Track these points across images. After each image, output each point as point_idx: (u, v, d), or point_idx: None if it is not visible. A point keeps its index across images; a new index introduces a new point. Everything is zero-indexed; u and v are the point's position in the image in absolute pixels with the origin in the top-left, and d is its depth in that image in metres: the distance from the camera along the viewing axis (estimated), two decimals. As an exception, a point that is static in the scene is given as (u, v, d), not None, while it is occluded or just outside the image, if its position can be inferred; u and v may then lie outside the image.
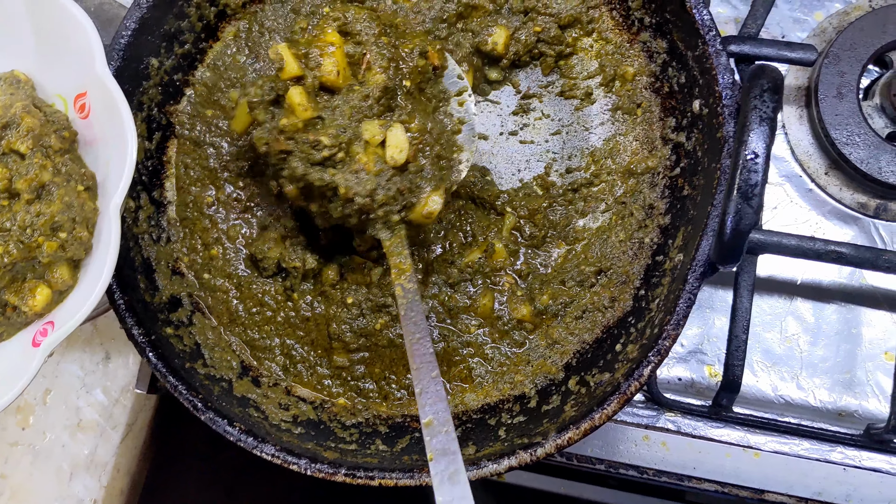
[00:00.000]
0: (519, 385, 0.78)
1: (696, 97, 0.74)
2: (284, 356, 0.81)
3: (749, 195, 0.62)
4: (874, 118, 0.87)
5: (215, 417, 0.70)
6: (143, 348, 0.70)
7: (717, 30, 0.71)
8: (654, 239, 0.78)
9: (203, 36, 0.82)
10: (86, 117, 0.68)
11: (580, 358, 0.78)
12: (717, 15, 0.92)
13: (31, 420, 0.96)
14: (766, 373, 0.86)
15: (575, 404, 0.71)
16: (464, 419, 0.78)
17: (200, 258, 0.82)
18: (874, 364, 0.86)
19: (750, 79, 0.65)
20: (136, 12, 0.75)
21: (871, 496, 0.83)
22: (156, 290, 0.77)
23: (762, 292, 0.88)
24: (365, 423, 0.78)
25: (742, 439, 0.84)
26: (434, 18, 0.82)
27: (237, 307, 0.82)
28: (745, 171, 0.62)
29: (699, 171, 0.73)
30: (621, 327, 0.76)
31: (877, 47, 0.86)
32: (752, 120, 0.62)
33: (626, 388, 0.66)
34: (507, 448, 0.67)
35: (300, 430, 0.74)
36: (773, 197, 0.89)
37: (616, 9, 0.82)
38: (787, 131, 0.89)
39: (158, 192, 0.81)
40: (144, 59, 0.77)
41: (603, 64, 0.83)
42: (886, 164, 0.84)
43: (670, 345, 0.66)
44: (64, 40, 0.67)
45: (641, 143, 0.82)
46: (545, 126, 0.85)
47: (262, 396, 0.77)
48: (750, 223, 0.62)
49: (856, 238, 0.88)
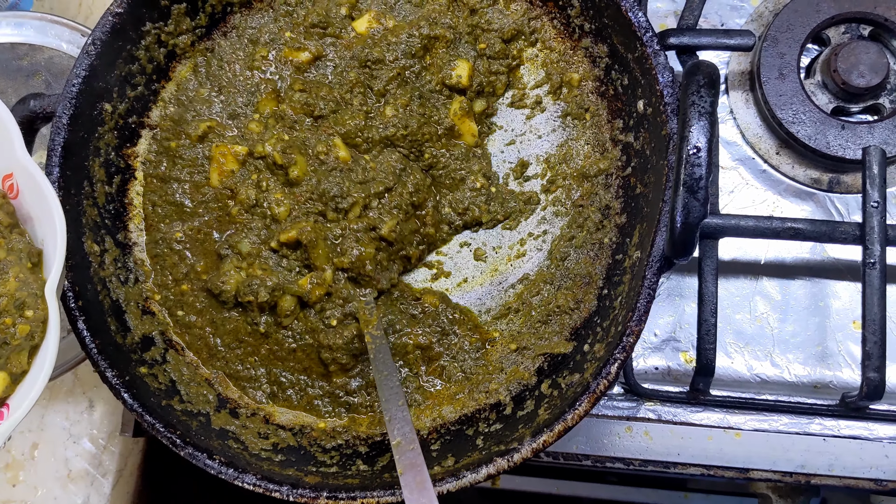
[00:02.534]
0: (494, 393, 0.79)
1: (640, 97, 0.76)
2: (272, 384, 0.82)
3: (694, 189, 0.63)
4: (817, 95, 0.89)
5: (194, 452, 0.70)
6: (117, 390, 0.71)
7: (653, 31, 0.73)
8: (612, 239, 0.80)
9: (154, 77, 0.83)
10: (15, 197, 0.69)
11: (551, 361, 0.79)
12: (656, 10, 0.95)
13: (20, 476, 0.96)
14: (739, 353, 0.88)
15: (548, 407, 0.72)
16: (442, 432, 0.79)
17: (172, 294, 0.82)
18: (843, 334, 0.87)
19: (686, 76, 0.67)
20: (86, 59, 0.76)
21: (853, 463, 0.84)
22: (127, 331, 0.78)
23: (728, 275, 0.89)
24: (345, 444, 0.78)
25: (722, 421, 0.86)
26: (404, 53, 0.83)
27: (215, 343, 0.82)
28: (689, 166, 0.63)
29: (649, 168, 0.75)
30: (588, 328, 0.77)
31: (812, 26, 0.88)
32: (691, 116, 0.64)
33: (594, 386, 0.67)
34: (484, 456, 0.68)
35: (280, 458, 0.75)
36: (728, 181, 0.91)
37: (557, 17, 0.84)
38: (735, 116, 0.92)
39: (123, 235, 0.82)
40: (97, 104, 0.78)
41: (549, 72, 0.85)
42: (833, 138, 0.86)
43: (634, 341, 0.67)
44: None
45: (593, 147, 0.83)
46: (499, 137, 0.87)
47: (241, 427, 0.78)
48: (698, 216, 0.64)
49: (813, 213, 0.90)
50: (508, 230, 0.86)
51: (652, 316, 0.88)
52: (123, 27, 0.78)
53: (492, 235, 0.86)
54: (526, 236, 0.85)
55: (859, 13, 0.88)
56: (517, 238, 0.85)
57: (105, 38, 0.76)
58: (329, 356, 0.80)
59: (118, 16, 0.77)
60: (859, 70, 0.85)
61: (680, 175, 0.64)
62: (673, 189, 0.65)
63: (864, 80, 0.85)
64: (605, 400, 0.87)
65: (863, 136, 0.86)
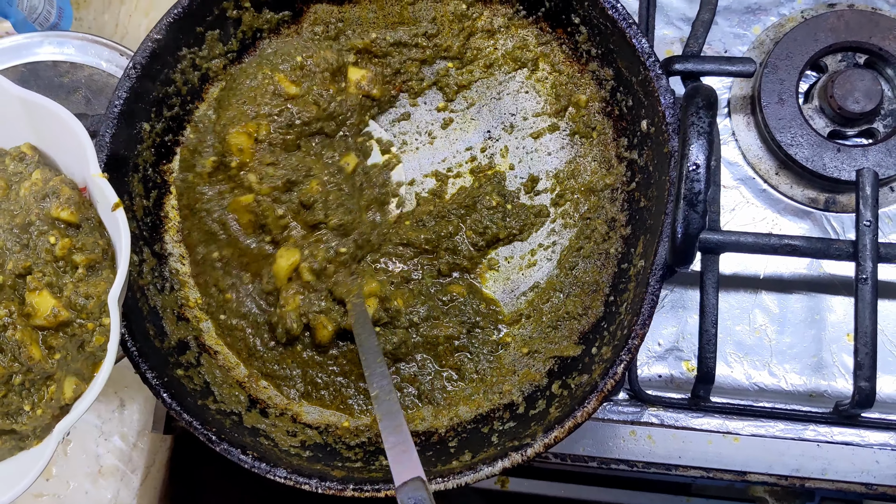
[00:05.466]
0: (507, 394, 0.84)
1: (644, 117, 0.81)
2: (306, 383, 0.87)
3: (694, 202, 0.68)
4: (815, 119, 0.94)
5: (229, 448, 0.74)
6: (157, 391, 0.76)
7: (655, 56, 0.78)
8: (618, 249, 0.85)
9: (189, 98, 0.88)
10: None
11: (561, 363, 0.84)
12: (663, 37, 1.00)
13: (53, 471, 1.01)
14: (739, 363, 0.93)
15: (559, 406, 0.77)
16: (459, 430, 0.83)
17: (215, 301, 0.88)
18: (838, 346, 0.92)
19: (686, 98, 0.72)
20: (127, 82, 0.81)
21: (845, 468, 0.88)
22: (164, 336, 0.83)
23: (729, 289, 0.94)
24: (368, 441, 0.83)
25: (722, 426, 0.90)
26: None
27: (254, 343, 0.87)
28: (689, 181, 0.68)
29: (652, 183, 0.80)
30: (595, 332, 0.82)
31: (811, 54, 0.93)
32: (691, 135, 0.69)
33: (602, 385, 0.72)
34: (500, 451, 0.73)
35: (308, 454, 0.79)
36: (730, 199, 0.96)
37: (565, 43, 0.89)
38: (737, 138, 0.96)
39: (159, 246, 0.87)
40: (137, 124, 0.83)
41: (559, 94, 0.90)
42: (829, 160, 0.91)
43: (639, 343, 0.72)
44: (60, 142, 0.72)
45: (599, 163, 0.89)
46: (512, 155, 0.92)
47: (271, 426, 0.83)
48: (697, 227, 0.69)
49: (810, 231, 0.94)
50: (520, 241, 0.91)
51: (656, 326, 0.93)
52: (162, 52, 0.83)
53: (504, 247, 0.91)
54: (536, 247, 0.90)
55: (855, 42, 0.93)
56: (528, 249, 0.90)
57: (144, 63, 0.81)
58: None
59: (157, 42, 0.82)
60: (854, 96, 0.90)
61: (681, 189, 0.69)
62: (674, 202, 0.70)
63: (858, 106, 0.90)
64: (611, 405, 0.92)
65: (857, 158, 0.91)
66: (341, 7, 0.91)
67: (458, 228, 0.89)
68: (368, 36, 0.91)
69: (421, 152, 0.93)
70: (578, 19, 0.86)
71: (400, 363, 0.87)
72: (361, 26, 0.92)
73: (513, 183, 0.92)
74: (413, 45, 0.92)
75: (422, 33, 0.91)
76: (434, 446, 0.82)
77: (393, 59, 0.92)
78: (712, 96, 0.71)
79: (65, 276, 0.69)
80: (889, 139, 0.90)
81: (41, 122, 0.73)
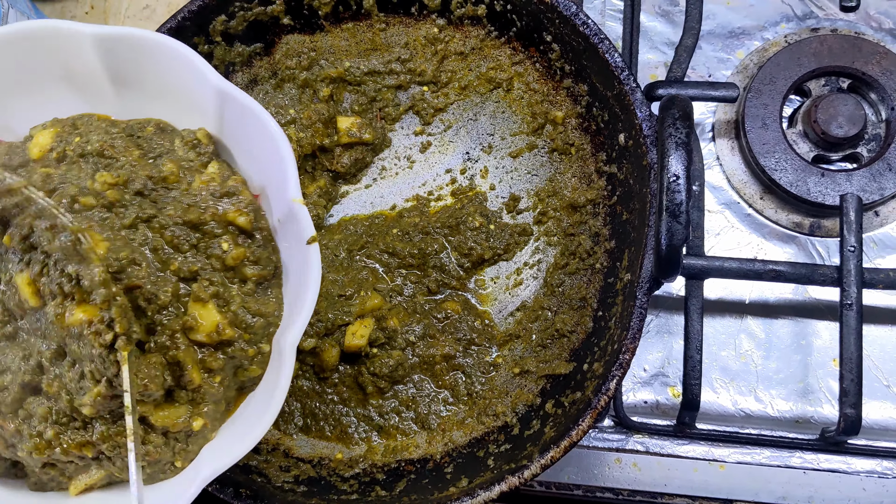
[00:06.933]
0: (501, 416, 0.83)
1: (621, 131, 0.81)
2: (305, 417, 0.85)
3: (676, 213, 0.68)
4: (799, 144, 0.94)
5: (222, 487, 0.73)
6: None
7: (629, 70, 0.78)
8: (603, 263, 0.85)
9: None
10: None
11: (553, 382, 0.83)
12: (647, 61, 1.00)
13: None
14: (725, 389, 0.92)
15: (553, 425, 0.76)
16: (454, 455, 0.82)
17: None
18: (824, 371, 0.91)
19: (661, 110, 0.72)
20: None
21: (832, 496, 0.87)
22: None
23: (714, 314, 0.93)
24: (363, 472, 0.82)
25: (707, 453, 0.89)
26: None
27: None
28: (670, 192, 0.68)
29: (633, 196, 0.80)
30: (586, 348, 0.81)
31: (794, 79, 0.93)
32: (669, 146, 0.69)
33: (596, 402, 0.71)
34: (496, 475, 0.72)
35: (303, 489, 0.78)
36: (715, 224, 0.95)
37: (538, 61, 0.90)
38: (721, 162, 0.96)
39: None
40: None
41: (535, 112, 0.91)
42: (814, 185, 0.91)
43: (630, 357, 0.72)
44: (251, 146, 0.65)
45: (579, 179, 0.89)
46: (492, 175, 0.92)
47: (263, 462, 0.81)
48: (681, 238, 0.69)
49: (796, 255, 0.94)
50: (505, 261, 0.90)
51: (641, 352, 0.93)
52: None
53: (490, 267, 0.90)
54: (522, 266, 0.90)
55: (838, 67, 0.93)
56: (514, 268, 0.90)
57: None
58: (369, 380, 0.85)
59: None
60: (838, 121, 0.90)
61: (662, 201, 0.69)
62: (657, 214, 0.70)
63: (842, 131, 0.90)
64: (596, 432, 0.91)
65: (841, 183, 0.90)
66: (313, 36, 0.92)
67: (442, 247, 0.89)
68: (342, 65, 0.91)
69: (400, 177, 0.93)
70: (550, 37, 0.86)
71: (398, 385, 0.86)
72: (334, 55, 0.92)
73: (494, 203, 0.91)
74: (387, 72, 0.92)
75: (395, 59, 0.92)
76: (430, 473, 0.81)
77: (368, 87, 0.92)
78: (688, 107, 0.71)
79: (231, 288, 0.61)
80: (873, 164, 0.90)
81: (234, 120, 0.66)
